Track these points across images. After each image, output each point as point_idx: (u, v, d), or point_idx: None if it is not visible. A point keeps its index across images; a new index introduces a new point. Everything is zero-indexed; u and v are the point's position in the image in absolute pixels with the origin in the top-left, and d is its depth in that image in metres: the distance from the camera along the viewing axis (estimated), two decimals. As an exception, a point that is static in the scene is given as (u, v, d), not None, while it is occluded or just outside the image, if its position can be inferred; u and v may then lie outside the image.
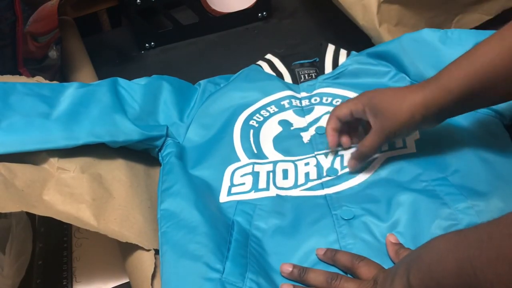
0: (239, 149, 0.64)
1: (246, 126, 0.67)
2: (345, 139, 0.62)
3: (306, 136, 0.66)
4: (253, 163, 0.62)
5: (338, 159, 0.62)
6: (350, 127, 0.62)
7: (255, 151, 0.64)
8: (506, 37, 0.49)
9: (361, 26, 0.76)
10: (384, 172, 0.58)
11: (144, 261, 0.52)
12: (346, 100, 0.61)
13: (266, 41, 0.92)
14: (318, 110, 0.68)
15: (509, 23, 0.49)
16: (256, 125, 0.67)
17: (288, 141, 0.65)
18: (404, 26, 0.75)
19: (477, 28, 0.78)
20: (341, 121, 0.60)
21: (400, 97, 0.53)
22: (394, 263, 0.49)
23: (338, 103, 0.68)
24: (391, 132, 0.55)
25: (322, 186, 0.59)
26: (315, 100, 0.70)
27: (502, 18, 0.79)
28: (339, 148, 0.62)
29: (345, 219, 0.54)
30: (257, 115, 0.69)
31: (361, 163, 0.59)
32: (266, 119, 0.68)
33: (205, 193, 0.59)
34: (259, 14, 0.96)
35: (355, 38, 0.79)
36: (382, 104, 0.55)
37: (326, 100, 0.70)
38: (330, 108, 0.68)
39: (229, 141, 0.65)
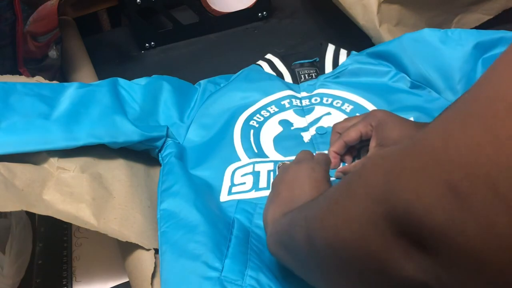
0: (239, 149, 0.64)
1: (246, 126, 0.67)
2: (348, 158, 0.61)
3: (306, 136, 0.66)
4: (254, 163, 0.62)
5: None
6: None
7: (256, 151, 0.64)
8: None
9: (361, 26, 0.76)
10: None
11: (144, 260, 0.52)
12: (353, 121, 0.60)
13: (266, 41, 0.92)
14: (319, 111, 0.68)
15: None
16: (257, 125, 0.67)
17: (288, 141, 0.65)
18: (404, 26, 0.75)
19: (477, 28, 0.78)
20: (348, 145, 0.60)
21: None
22: None
23: (338, 105, 0.68)
24: None
25: None
26: (316, 100, 0.70)
27: (502, 18, 0.79)
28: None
29: None
30: (258, 115, 0.69)
31: None
32: (266, 119, 0.68)
33: (205, 192, 0.59)
34: (259, 14, 0.96)
35: (355, 38, 0.79)
36: (390, 138, 0.54)
37: (327, 100, 0.70)
38: (331, 109, 0.68)
39: (230, 141, 0.65)
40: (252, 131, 0.66)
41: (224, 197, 0.59)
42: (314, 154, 0.62)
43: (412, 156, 0.21)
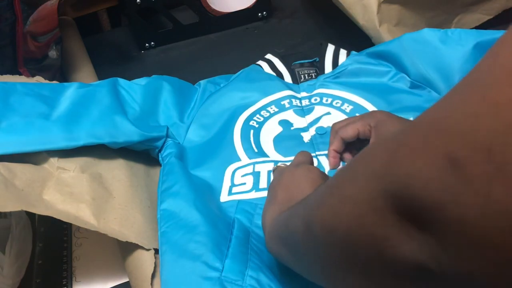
0: (239, 149, 0.64)
1: (246, 126, 0.67)
2: (347, 157, 0.61)
3: (306, 136, 0.66)
4: (254, 163, 0.62)
5: (339, 159, 0.62)
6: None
7: (256, 151, 0.64)
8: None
9: (361, 26, 0.76)
10: None
11: (144, 260, 0.52)
12: (352, 120, 0.60)
13: (266, 41, 0.92)
14: (318, 110, 0.68)
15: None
16: (256, 126, 0.67)
17: (288, 141, 0.65)
18: (404, 26, 0.75)
19: (477, 28, 0.78)
20: (345, 143, 0.60)
21: None
22: None
23: (338, 105, 0.68)
24: None
25: None
26: (315, 100, 0.70)
27: (502, 18, 0.79)
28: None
29: None
30: (257, 115, 0.69)
31: None
32: (266, 119, 0.68)
33: (205, 193, 0.59)
34: (259, 14, 0.96)
35: (355, 38, 0.79)
36: None
37: (326, 100, 0.70)
38: (330, 109, 0.68)
39: (230, 141, 0.65)
40: (252, 131, 0.66)
41: (224, 197, 0.59)
42: (314, 154, 0.63)
43: (413, 131, 0.21)
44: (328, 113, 0.67)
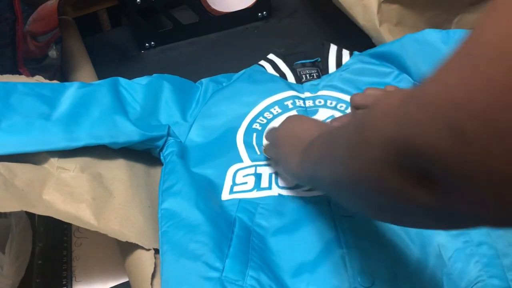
0: (242, 151, 0.64)
1: (249, 129, 0.67)
2: None
3: (308, 137, 0.65)
4: (256, 165, 0.62)
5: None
6: None
7: (258, 153, 0.64)
8: None
9: (361, 26, 0.76)
10: None
11: (144, 260, 0.52)
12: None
13: (266, 40, 0.92)
14: (323, 113, 0.68)
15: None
16: (260, 128, 0.67)
17: None
18: (405, 26, 0.75)
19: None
20: None
21: None
22: None
23: (342, 108, 0.68)
24: None
25: None
26: (319, 102, 0.70)
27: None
28: None
29: (346, 216, 0.54)
30: (261, 117, 0.68)
31: None
32: (269, 121, 0.68)
33: (206, 191, 0.59)
34: (259, 14, 0.96)
35: (355, 38, 0.79)
36: None
37: (331, 103, 0.69)
38: (335, 112, 0.68)
39: (233, 144, 0.65)
40: (255, 134, 0.66)
41: (225, 195, 0.59)
42: None
43: (418, 103, 0.24)
44: (332, 116, 0.67)
